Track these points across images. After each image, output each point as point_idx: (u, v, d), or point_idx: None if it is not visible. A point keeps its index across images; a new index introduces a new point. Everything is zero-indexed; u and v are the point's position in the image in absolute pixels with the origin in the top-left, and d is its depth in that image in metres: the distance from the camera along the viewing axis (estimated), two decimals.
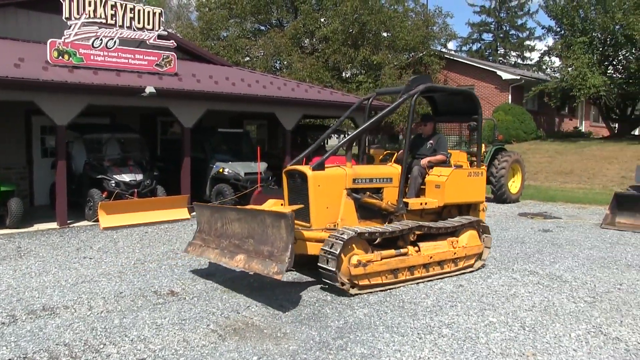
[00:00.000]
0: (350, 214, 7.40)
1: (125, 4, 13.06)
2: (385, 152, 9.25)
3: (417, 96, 7.86)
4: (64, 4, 12.02)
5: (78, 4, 12.20)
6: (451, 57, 31.61)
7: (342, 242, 6.47)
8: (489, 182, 15.89)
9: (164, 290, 6.89)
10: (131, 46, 13.45)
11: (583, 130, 33.90)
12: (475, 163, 8.99)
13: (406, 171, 7.91)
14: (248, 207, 7.16)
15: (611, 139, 27.88)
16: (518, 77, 29.09)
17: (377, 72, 27.60)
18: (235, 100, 14.16)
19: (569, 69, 26.10)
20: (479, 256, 8.20)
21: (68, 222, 11.69)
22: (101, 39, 12.53)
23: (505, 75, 29.29)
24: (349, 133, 19.12)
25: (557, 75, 27.97)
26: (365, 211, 7.65)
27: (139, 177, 12.57)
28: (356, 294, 6.67)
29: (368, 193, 7.66)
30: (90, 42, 12.41)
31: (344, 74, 29.89)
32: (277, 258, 6.06)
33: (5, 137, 14.00)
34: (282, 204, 7.92)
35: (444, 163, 8.40)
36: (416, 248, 7.33)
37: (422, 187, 8.21)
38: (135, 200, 12.03)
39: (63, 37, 12.09)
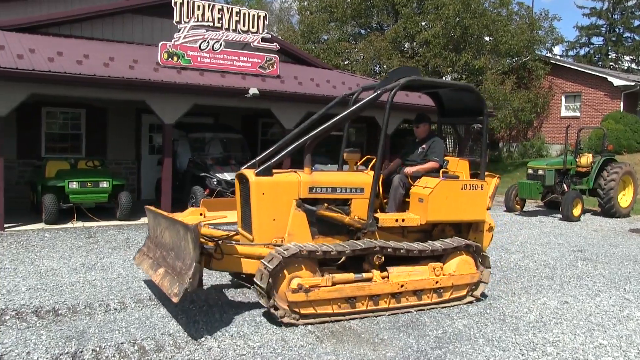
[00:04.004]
0: (301, 228, 6.29)
1: (231, 8, 13.54)
2: (366, 157, 7.77)
3: (396, 91, 6.56)
4: (175, 8, 12.63)
5: (188, 8, 12.76)
6: (557, 62, 30.19)
7: (268, 273, 5.47)
8: (596, 194, 15.04)
9: None
10: (236, 48, 13.87)
11: None
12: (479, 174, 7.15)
13: (377, 180, 6.47)
14: (171, 215, 6.27)
15: None
16: (632, 84, 27.19)
17: (479, 77, 26.87)
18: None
19: None
20: (472, 287, 6.78)
21: None
22: (208, 42, 13.05)
23: (617, 82, 27.50)
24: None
25: None
26: (326, 226, 6.52)
27: None
28: (305, 324, 5.70)
29: (326, 205, 6.48)
30: (197, 45, 12.95)
31: (444, 79, 29.37)
32: (181, 277, 5.36)
33: (117, 134, 14.93)
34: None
35: (437, 172, 6.90)
36: (384, 273, 6.17)
37: (407, 199, 6.84)
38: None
39: (173, 40, 12.71)
